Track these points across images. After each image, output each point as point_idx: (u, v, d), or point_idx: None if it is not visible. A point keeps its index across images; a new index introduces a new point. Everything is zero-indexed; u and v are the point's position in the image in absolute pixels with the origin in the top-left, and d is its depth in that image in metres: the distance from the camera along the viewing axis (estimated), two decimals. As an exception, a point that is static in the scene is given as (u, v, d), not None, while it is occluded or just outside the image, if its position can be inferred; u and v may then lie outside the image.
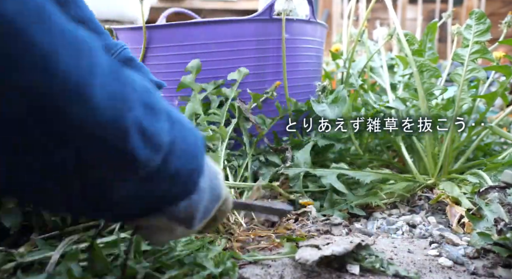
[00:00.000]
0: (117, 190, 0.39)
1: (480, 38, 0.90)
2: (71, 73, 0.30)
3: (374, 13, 3.32)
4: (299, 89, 1.05)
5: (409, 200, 0.98)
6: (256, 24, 0.93)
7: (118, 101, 0.34)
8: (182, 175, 0.45)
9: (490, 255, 0.67)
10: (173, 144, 0.42)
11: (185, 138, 0.45)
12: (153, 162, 0.39)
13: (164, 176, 0.42)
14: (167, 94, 0.96)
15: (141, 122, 0.36)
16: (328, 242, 0.65)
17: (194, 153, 0.46)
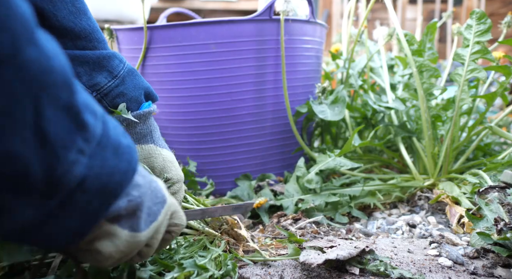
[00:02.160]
0: None
1: (481, 38, 0.90)
2: None
3: (374, 13, 3.33)
4: (298, 90, 1.06)
5: (409, 200, 0.98)
6: (256, 25, 0.93)
7: None
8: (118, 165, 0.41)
9: (489, 255, 0.67)
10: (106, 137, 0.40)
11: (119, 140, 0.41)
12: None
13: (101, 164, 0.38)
14: (166, 94, 0.96)
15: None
16: (332, 244, 0.65)
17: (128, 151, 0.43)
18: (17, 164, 0.31)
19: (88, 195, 0.38)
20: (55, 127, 0.33)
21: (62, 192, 0.36)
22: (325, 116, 1.00)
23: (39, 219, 0.36)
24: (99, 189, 0.39)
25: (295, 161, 1.05)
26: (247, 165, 1.01)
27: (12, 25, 0.27)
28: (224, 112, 0.96)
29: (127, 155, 0.43)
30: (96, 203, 0.39)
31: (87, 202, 0.38)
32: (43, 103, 0.31)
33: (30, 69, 0.29)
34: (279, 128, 1.03)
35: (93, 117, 0.38)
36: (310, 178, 0.93)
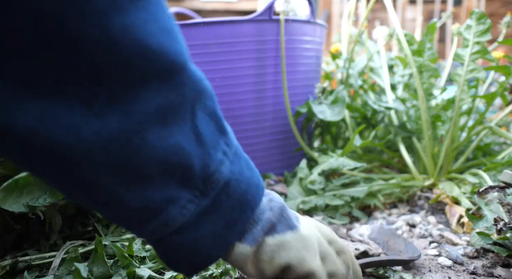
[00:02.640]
0: None
1: (480, 39, 0.90)
2: None
3: (374, 13, 3.33)
4: (298, 90, 1.06)
5: (409, 199, 0.98)
6: (256, 25, 0.93)
7: None
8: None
9: (489, 254, 0.67)
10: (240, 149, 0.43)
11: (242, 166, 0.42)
12: None
13: None
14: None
15: None
16: None
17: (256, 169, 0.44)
18: (184, 155, 0.35)
19: (232, 200, 0.39)
20: (205, 128, 0.38)
21: (214, 190, 0.38)
22: (325, 116, 1.00)
23: (195, 214, 0.37)
24: (240, 195, 0.40)
25: (295, 161, 1.05)
26: (247, 165, 1.01)
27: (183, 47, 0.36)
28: (224, 112, 0.96)
29: (256, 171, 0.44)
30: (237, 211, 0.40)
31: (231, 207, 0.39)
32: (197, 108, 0.37)
33: (193, 79, 0.36)
34: (279, 128, 1.03)
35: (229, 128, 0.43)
36: (313, 179, 0.93)
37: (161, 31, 0.33)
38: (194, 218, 0.37)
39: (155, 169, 0.34)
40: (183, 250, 0.38)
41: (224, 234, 0.39)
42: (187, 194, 0.37)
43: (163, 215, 0.36)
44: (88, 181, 0.33)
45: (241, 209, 0.40)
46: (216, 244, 0.39)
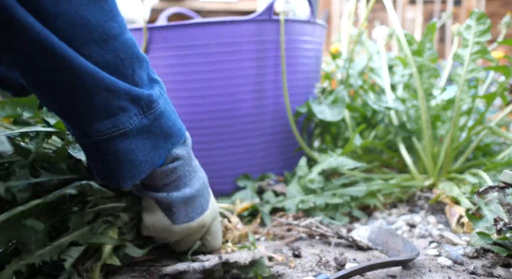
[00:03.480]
0: None
1: (480, 39, 0.90)
2: None
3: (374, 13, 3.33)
4: (298, 90, 1.06)
5: (409, 199, 0.98)
6: (256, 25, 0.94)
7: None
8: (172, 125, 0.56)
9: (489, 254, 0.67)
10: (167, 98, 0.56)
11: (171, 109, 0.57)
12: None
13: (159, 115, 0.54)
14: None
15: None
16: None
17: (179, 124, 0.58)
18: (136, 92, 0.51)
19: (160, 129, 0.54)
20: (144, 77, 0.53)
21: (152, 115, 0.53)
22: (324, 116, 1.00)
23: (137, 128, 0.51)
24: (167, 128, 0.55)
25: (295, 161, 1.05)
26: (247, 165, 1.01)
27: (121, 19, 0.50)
28: (224, 112, 0.96)
29: (179, 121, 0.58)
30: (162, 139, 0.55)
31: (159, 135, 0.54)
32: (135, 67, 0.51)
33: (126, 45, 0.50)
34: (279, 128, 1.03)
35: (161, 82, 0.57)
36: (313, 178, 0.93)
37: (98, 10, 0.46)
38: (135, 131, 0.52)
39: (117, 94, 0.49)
40: (120, 156, 0.51)
41: (151, 154, 0.54)
42: (135, 109, 0.51)
43: (115, 119, 0.50)
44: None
45: (165, 139, 0.55)
46: (145, 161, 0.54)
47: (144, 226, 0.60)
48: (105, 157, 0.52)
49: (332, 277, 0.53)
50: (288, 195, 0.91)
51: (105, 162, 0.52)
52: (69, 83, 0.46)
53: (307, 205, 0.86)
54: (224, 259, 0.57)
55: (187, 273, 0.57)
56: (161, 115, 0.54)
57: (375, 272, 0.61)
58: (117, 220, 0.59)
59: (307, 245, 0.75)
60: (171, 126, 0.55)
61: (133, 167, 0.53)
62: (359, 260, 0.66)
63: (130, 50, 0.50)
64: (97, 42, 0.47)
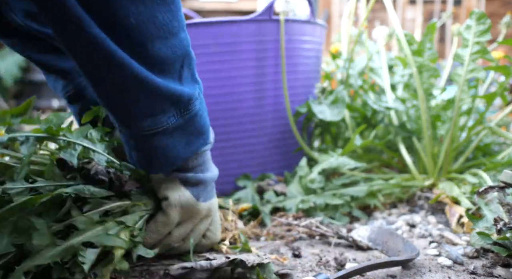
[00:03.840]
0: None
1: (480, 39, 0.90)
2: None
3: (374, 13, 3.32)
4: (298, 90, 1.06)
5: (409, 199, 0.98)
6: (256, 25, 0.93)
7: None
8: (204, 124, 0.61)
9: (489, 254, 0.67)
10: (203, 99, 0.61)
11: (204, 108, 0.62)
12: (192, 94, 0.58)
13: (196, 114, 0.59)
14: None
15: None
16: None
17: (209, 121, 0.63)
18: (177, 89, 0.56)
19: (194, 127, 0.59)
20: (187, 76, 0.58)
21: (188, 115, 0.58)
22: (324, 116, 1.00)
23: (173, 126, 0.57)
24: (199, 126, 0.60)
25: (295, 161, 1.05)
26: (247, 165, 1.01)
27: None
28: (224, 112, 0.96)
29: (208, 121, 0.63)
30: (194, 136, 0.60)
31: (192, 132, 0.60)
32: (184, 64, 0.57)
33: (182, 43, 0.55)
34: (279, 128, 1.03)
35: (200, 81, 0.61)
36: (313, 178, 0.93)
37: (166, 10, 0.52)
38: (170, 129, 0.57)
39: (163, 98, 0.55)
40: (157, 150, 0.58)
41: (184, 150, 0.60)
42: (174, 110, 0.56)
43: (155, 118, 0.56)
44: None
45: (197, 136, 0.61)
46: (177, 156, 0.59)
47: (170, 203, 0.62)
48: (142, 149, 0.59)
49: (332, 277, 0.53)
50: (289, 195, 0.91)
51: (141, 153, 0.59)
52: (120, 85, 0.52)
53: (307, 205, 0.86)
54: (232, 258, 0.57)
55: (194, 271, 0.57)
56: (196, 115, 0.59)
57: (375, 272, 0.61)
58: (128, 220, 0.59)
59: (307, 245, 0.75)
60: (203, 125, 0.61)
61: (166, 160, 0.59)
62: (359, 260, 0.66)
63: (184, 48, 0.55)
64: (160, 38, 0.52)
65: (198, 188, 0.63)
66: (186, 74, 0.57)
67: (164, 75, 0.54)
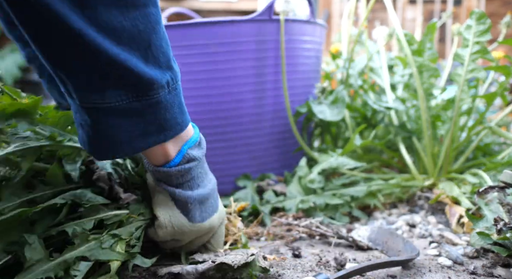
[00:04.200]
0: None
1: (480, 39, 0.90)
2: None
3: (374, 13, 3.32)
4: (298, 90, 1.06)
5: (409, 199, 0.98)
6: (256, 25, 0.93)
7: None
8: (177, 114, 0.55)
9: (489, 254, 0.67)
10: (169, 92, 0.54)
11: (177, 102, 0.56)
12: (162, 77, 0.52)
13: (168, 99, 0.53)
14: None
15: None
16: None
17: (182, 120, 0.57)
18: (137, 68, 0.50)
19: (154, 118, 0.53)
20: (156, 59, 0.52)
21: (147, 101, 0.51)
22: (324, 116, 1.00)
23: (124, 108, 0.51)
24: (162, 120, 0.54)
25: (295, 161, 1.05)
26: (247, 165, 1.01)
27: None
28: (224, 112, 0.96)
29: (186, 116, 0.58)
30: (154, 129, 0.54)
31: (151, 123, 0.53)
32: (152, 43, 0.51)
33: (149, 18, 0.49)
34: (279, 128, 1.03)
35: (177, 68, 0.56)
36: (313, 178, 0.93)
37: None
38: (121, 109, 0.51)
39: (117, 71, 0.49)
40: (100, 129, 0.51)
41: (137, 139, 0.53)
42: (128, 90, 0.50)
43: (105, 92, 0.49)
44: None
45: (158, 130, 0.54)
46: (127, 142, 0.53)
47: (160, 224, 0.59)
48: (88, 125, 0.52)
49: (332, 277, 0.53)
50: (289, 195, 0.91)
51: (85, 130, 0.53)
52: (63, 42, 0.46)
53: (307, 205, 0.86)
54: (218, 262, 0.56)
55: (180, 276, 0.57)
56: (158, 104, 0.53)
57: (375, 272, 0.61)
58: (124, 233, 0.58)
59: (307, 245, 0.75)
60: (169, 119, 0.54)
61: (111, 144, 0.53)
62: (359, 260, 0.66)
63: (150, 25, 0.49)
64: (118, 8, 0.47)
65: (191, 206, 0.59)
66: (156, 57, 0.51)
67: (122, 49, 0.48)
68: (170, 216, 0.59)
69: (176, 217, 0.59)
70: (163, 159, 0.58)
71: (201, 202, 0.60)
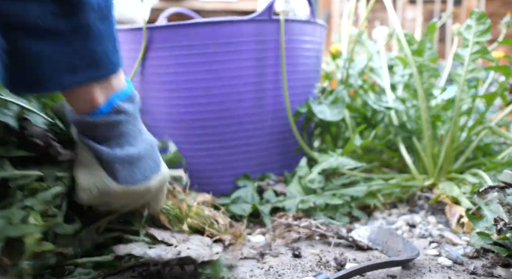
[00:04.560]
0: None
1: (480, 39, 0.90)
2: None
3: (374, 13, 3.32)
4: (298, 90, 1.06)
5: (409, 199, 0.98)
6: (256, 25, 0.93)
7: None
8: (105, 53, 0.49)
9: (489, 254, 0.67)
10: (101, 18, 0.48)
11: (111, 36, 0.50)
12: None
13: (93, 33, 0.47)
14: (166, 94, 0.96)
15: None
16: None
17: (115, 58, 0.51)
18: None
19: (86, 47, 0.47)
20: None
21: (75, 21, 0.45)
22: (324, 116, 1.00)
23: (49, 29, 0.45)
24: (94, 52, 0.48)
25: (295, 161, 1.05)
26: (247, 165, 1.01)
27: None
28: (224, 112, 0.96)
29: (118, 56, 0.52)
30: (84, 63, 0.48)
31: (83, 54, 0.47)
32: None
33: None
34: (279, 128, 1.03)
35: None
36: (313, 178, 0.93)
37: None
38: (45, 31, 0.45)
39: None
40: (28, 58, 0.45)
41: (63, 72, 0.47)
42: (54, 5, 0.44)
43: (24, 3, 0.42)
44: None
45: (88, 65, 0.48)
46: (50, 75, 0.47)
47: (82, 187, 0.53)
48: (4, 52, 0.45)
49: (332, 277, 0.53)
50: (289, 195, 0.91)
51: (2, 58, 0.46)
52: None
53: (307, 205, 0.86)
54: (183, 255, 0.53)
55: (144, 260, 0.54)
56: (87, 28, 0.46)
57: (375, 272, 0.61)
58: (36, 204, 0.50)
59: (307, 245, 0.75)
60: (99, 52, 0.48)
61: (34, 76, 0.47)
62: (359, 260, 0.66)
63: None
64: None
65: (118, 166, 0.53)
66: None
67: None
68: (94, 178, 0.53)
69: (101, 178, 0.53)
70: (89, 105, 0.51)
71: (132, 162, 0.54)
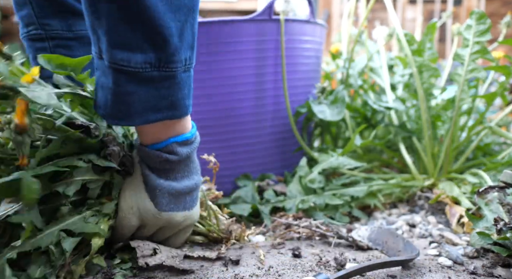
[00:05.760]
0: None
1: (480, 39, 0.90)
2: None
3: (374, 13, 3.32)
4: (298, 90, 1.06)
5: (409, 199, 0.98)
6: (256, 25, 0.93)
7: None
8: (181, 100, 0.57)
9: (489, 254, 0.67)
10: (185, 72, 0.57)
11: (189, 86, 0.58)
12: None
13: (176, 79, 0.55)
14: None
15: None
16: None
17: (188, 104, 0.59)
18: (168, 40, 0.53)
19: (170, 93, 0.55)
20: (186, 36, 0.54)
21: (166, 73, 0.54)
22: (325, 116, 1.00)
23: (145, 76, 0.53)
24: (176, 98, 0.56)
25: (295, 161, 1.05)
26: (247, 165, 1.01)
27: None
28: (224, 112, 0.96)
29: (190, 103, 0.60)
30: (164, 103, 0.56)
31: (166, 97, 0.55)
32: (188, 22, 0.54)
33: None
34: (279, 128, 1.03)
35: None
36: (313, 178, 0.93)
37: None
38: (141, 77, 0.53)
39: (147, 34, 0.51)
40: (124, 95, 0.54)
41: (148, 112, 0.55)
42: (152, 56, 0.52)
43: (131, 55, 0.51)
44: None
45: (168, 107, 0.56)
46: (137, 113, 0.55)
47: (126, 203, 0.61)
48: (108, 88, 0.54)
49: (332, 277, 0.53)
50: (289, 195, 0.91)
51: (105, 92, 0.55)
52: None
53: (307, 205, 0.86)
54: None
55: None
56: (174, 78, 0.55)
57: (375, 272, 0.61)
58: (105, 208, 0.59)
59: (307, 245, 0.75)
60: (179, 98, 0.57)
61: (127, 111, 0.55)
62: (359, 260, 0.66)
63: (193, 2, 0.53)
64: None
65: (159, 192, 0.61)
66: (185, 34, 0.54)
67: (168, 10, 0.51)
68: (137, 197, 0.61)
69: (142, 199, 0.60)
70: (151, 140, 0.60)
71: (172, 194, 0.61)
